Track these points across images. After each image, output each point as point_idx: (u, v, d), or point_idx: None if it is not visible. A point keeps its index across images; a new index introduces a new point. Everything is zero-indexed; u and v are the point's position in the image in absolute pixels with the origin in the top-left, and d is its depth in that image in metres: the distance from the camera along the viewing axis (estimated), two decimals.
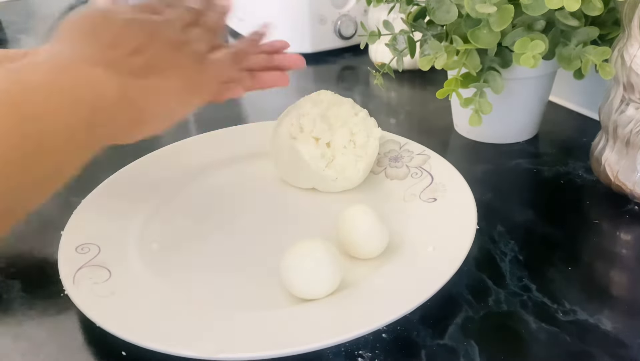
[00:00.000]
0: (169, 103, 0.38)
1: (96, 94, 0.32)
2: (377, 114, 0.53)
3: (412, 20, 0.53)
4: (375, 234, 0.40)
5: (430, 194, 0.46)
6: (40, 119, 0.29)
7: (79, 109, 0.31)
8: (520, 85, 0.54)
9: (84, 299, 0.36)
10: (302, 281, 0.36)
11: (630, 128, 0.45)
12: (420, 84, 0.76)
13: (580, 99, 0.64)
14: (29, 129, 0.29)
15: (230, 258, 0.42)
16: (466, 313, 0.37)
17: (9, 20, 1.10)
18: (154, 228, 0.45)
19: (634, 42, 0.43)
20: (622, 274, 0.41)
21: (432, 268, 0.38)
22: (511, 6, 0.43)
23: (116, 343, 0.34)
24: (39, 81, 0.30)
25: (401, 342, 0.35)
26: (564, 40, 0.48)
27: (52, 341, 0.37)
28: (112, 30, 0.36)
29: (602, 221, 0.46)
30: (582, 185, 0.51)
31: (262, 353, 0.32)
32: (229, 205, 0.49)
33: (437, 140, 0.60)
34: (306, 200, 0.49)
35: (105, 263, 0.40)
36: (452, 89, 0.50)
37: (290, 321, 0.35)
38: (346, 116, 0.48)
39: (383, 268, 0.39)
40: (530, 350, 0.34)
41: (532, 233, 0.45)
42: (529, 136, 0.59)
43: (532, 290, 0.39)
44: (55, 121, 0.30)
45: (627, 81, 0.44)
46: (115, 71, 0.34)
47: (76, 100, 0.31)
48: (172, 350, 0.33)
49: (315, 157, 0.47)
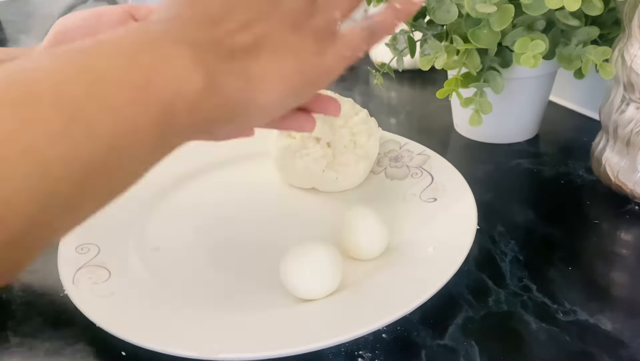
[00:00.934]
0: (270, 93, 0.28)
1: (174, 88, 0.24)
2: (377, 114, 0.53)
3: (412, 20, 0.53)
4: (376, 236, 0.40)
5: (431, 194, 0.46)
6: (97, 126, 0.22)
7: (150, 108, 0.24)
8: (521, 85, 0.54)
9: (83, 299, 0.36)
10: (302, 281, 0.36)
11: (630, 128, 0.45)
12: (420, 84, 0.76)
13: (581, 99, 0.64)
14: (80, 136, 0.21)
15: (230, 258, 0.42)
16: (466, 313, 0.37)
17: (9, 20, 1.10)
18: (154, 228, 0.45)
19: (634, 42, 0.43)
20: (622, 274, 0.41)
21: (432, 268, 0.38)
22: (511, 6, 0.43)
23: (116, 343, 0.34)
24: (102, 70, 0.23)
25: (401, 342, 0.35)
26: (564, 40, 0.48)
27: (52, 341, 0.37)
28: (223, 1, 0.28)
29: (602, 221, 0.46)
30: (582, 185, 0.51)
31: (262, 353, 0.32)
32: (229, 205, 0.49)
33: (437, 140, 0.60)
34: (306, 200, 0.49)
35: (105, 263, 0.40)
36: (452, 89, 0.50)
37: (290, 321, 0.35)
38: (346, 116, 0.48)
39: (383, 268, 0.39)
40: (530, 350, 0.34)
41: (532, 233, 0.45)
42: (529, 136, 0.59)
43: (532, 290, 0.39)
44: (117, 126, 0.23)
45: (627, 81, 0.44)
46: (209, 52, 0.26)
47: (145, 98, 0.24)
48: (172, 350, 0.33)
49: (315, 157, 0.47)
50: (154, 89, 0.24)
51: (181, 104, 0.25)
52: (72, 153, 0.21)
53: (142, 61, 0.24)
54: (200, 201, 0.50)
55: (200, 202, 0.49)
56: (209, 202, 0.50)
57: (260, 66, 0.28)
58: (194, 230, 0.46)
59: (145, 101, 0.23)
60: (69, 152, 0.21)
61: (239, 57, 0.27)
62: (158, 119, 0.24)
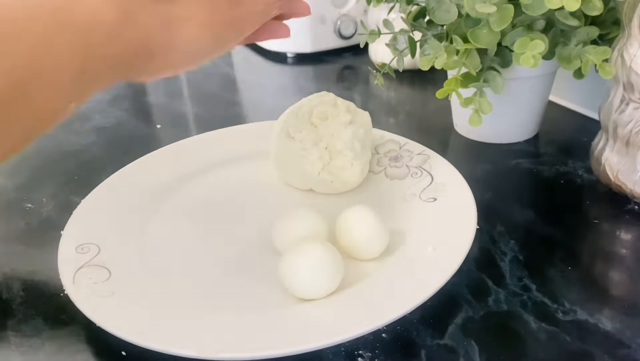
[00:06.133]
0: (191, 35, 0.31)
1: (91, 14, 0.26)
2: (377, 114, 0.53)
3: (412, 20, 0.53)
4: (375, 235, 0.40)
5: (430, 194, 0.46)
6: (17, 51, 0.23)
7: (68, 29, 0.25)
8: (520, 85, 0.54)
9: (84, 299, 0.36)
10: (302, 281, 0.36)
11: (630, 128, 0.45)
12: (420, 84, 0.76)
13: (580, 99, 0.64)
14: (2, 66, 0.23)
15: (230, 258, 0.42)
16: (466, 313, 0.37)
17: None
18: (153, 228, 0.45)
19: (633, 42, 0.43)
20: (622, 274, 0.41)
21: (432, 268, 0.38)
22: (511, 6, 0.43)
23: (116, 343, 0.34)
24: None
25: (401, 342, 0.35)
26: (564, 40, 0.48)
27: (52, 341, 0.37)
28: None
29: (602, 221, 0.46)
30: (582, 185, 0.51)
31: (262, 353, 0.32)
32: (229, 205, 0.49)
33: (437, 140, 0.60)
34: (306, 200, 0.49)
35: (105, 263, 0.40)
36: (452, 89, 0.50)
37: (290, 321, 0.35)
38: (344, 117, 0.48)
39: (383, 268, 0.39)
40: (530, 350, 0.34)
41: (532, 233, 0.45)
42: (529, 136, 0.59)
43: (532, 290, 0.39)
44: (37, 53, 0.24)
45: (627, 81, 0.44)
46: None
47: (64, 19, 0.25)
48: (172, 350, 0.33)
49: (312, 160, 0.47)
50: (70, 13, 0.26)
51: (97, 32, 0.27)
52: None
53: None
54: (200, 201, 0.50)
55: (200, 202, 0.49)
56: (209, 202, 0.50)
57: (178, 11, 0.30)
58: (194, 230, 0.46)
59: (63, 22, 0.25)
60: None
61: (160, 0, 0.29)
62: (76, 42, 0.26)
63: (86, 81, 0.27)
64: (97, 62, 0.27)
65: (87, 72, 0.27)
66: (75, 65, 0.26)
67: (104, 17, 0.27)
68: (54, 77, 0.25)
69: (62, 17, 0.25)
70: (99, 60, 0.27)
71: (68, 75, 0.26)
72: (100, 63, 0.27)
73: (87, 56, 0.26)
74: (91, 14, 0.26)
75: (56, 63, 0.25)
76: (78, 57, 0.26)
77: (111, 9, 0.27)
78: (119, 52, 0.28)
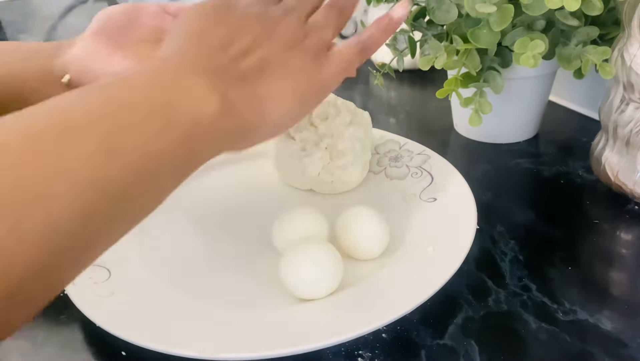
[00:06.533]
0: (280, 109, 0.31)
1: (194, 112, 0.26)
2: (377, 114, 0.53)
3: (412, 20, 0.53)
4: (375, 235, 0.40)
5: (430, 194, 0.46)
6: (126, 149, 0.23)
7: (173, 131, 0.25)
8: (520, 85, 0.54)
9: (84, 299, 0.36)
10: (302, 281, 0.36)
11: (630, 128, 0.45)
12: (420, 84, 0.76)
13: (580, 99, 0.64)
14: (113, 164, 0.23)
15: (230, 258, 0.42)
16: (466, 313, 0.37)
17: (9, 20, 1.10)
18: (153, 228, 0.45)
19: (634, 42, 0.43)
20: (622, 274, 0.41)
21: (432, 268, 0.38)
22: (511, 6, 0.43)
23: (116, 343, 0.34)
24: (129, 101, 0.25)
25: (401, 342, 0.35)
26: (564, 40, 0.48)
27: (52, 341, 0.37)
28: (226, 26, 0.31)
29: (602, 221, 0.46)
30: (582, 185, 0.51)
31: (262, 353, 0.32)
32: (229, 205, 0.49)
33: (437, 140, 0.60)
34: (306, 200, 0.49)
35: (105, 263, 0.40)
36: (452, 89, 0.50)
37: (290, 321, 0.35)
38: (344, 117, 0.48)
39: (383, 268, 0.39)
40: (530, 350, 0.34)
41: (532, 233, 0.45)
42: (529, 136, 0.59)
43: (532, 290, 0.39)
44: (143, 149, 0.24)
45: (627, 81, 0.44)
46: (221, 79, 0.28)
47: (168, 122, 0.25)
48: (172, 350, 0.33)
49: (312, 160, 0.47)
50: (175, 113, 0.25)
51: (201, 126, 0.26)
52: (104, 176, 0.22)
53: (162, 89, 0.26)
54: (200, 201, 0.50)
55: (200, 202, 0.49)
56: (209, 202, 0.50)
57: (266, 86, 0.30)
58: (194, 230, 0.46)
59: (168, 124, 0.25)
60: (101, 176, 0.22)
61: (248, 80, 0.30)
62: (181, 142, 0.25)
63: (183, 173, 0.28)
64: (198, 154, 0.27)
65: (187, 165, 0.27)
66: (178, 162, 0.26)
67: (207, 110, 0.27)
68: (158, 179, 0.26)
69: (168, 123, 0.25)
70: (200, 152, 0.27)
71: (169, 173, 0.26)
72: (200, 154, 0.28)
73: (188, 153, 0.26)
74: (196, 109, 0.26)
75: (162, 165, 0.25)
76: (181, 154, 0.26)
77: (214, 101, 0.27)
78: (218, 142, 0.28)
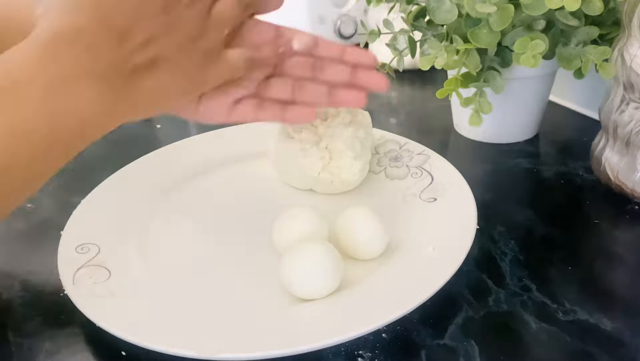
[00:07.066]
0: (162, 101, 0.34)
1: (83, 115, 0.30)
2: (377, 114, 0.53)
3: (412, 20, 0.53)
4: (375, 235, 0.40)
5: (430, 194, 0.46)
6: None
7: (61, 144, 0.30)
8: (520, 85, 0.54)
9: (83, 299, 0.36)
10: (302, 281, 0.36)
11: (630, 128, 0.45)
12: (420, 84, 0.76)
13: (580, 99, 0.64)
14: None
15: (230, 258, 0.42)
16: (466, 313, 0.37)
17: None
18: (153, 228, 0.45)
19: (634, 42, 0.43)
20: (622, 274, 0.41)
21: (432, 268, 0.38)
22: (511, 6, 0.43)
23: (116, 343, 0.34)
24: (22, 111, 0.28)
25: (401, 342, 0.35)
26: (564, 40, 0.48)
27: (52, 341, 0.37)
28: (130, 4, 0.31)
29: (602, 221, 0.46)
30: (582, 185, 0.51)
31: (262, 353, 0.32)
32: (229, 205, 0.49)
33: (437, 140, 0.60)
34: (306, 200, 0.49)
35: (105, 263, 0.40)
36: (452, 89, 0.50)
37: (290, 321, 0.35)
38: (344, 117, 0.48)
39: (383, 268, 0.39)
40: (530, 350, 0.34)
41: (532, 233, 0.45)
42: (529, 136, 0.59)
43: (532, 290, 0.39)
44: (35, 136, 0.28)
45: (627, 81, 0.44)
46: (115, 75, 0.30)
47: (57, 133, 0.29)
48: (172, 350, 0.33)
49: (312, 160, 0.47)
50: (65, 118, 0.29)
51: (90, 126, 0.31)
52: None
53: (55, 99, 0.29)
54: (200, 201, 0.50)
55: (200, 202, 0.49)
56: (208, 202, 0.50)
57: (154, 79, 0.32)
58: (194, 230, 0.46)
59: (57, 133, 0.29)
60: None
61: (137, 74, 0.32)
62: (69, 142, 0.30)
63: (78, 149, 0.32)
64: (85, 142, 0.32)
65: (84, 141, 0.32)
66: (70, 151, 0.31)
67: (96, 111, 0.31)
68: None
69: (57, 127, 0.29)
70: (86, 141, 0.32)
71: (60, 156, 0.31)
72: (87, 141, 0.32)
73: (78, 143, 0.31)
74: (84, 114, 0.30)
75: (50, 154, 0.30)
76: (71, 147, 0.31)
77: (101, 101, 0.30)
78: (101, 131, 0.33)
